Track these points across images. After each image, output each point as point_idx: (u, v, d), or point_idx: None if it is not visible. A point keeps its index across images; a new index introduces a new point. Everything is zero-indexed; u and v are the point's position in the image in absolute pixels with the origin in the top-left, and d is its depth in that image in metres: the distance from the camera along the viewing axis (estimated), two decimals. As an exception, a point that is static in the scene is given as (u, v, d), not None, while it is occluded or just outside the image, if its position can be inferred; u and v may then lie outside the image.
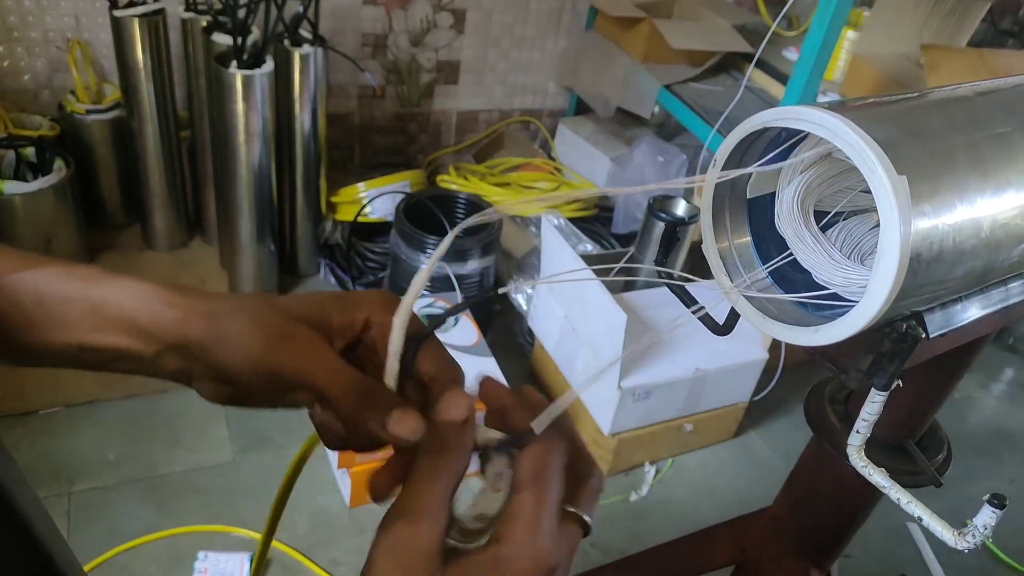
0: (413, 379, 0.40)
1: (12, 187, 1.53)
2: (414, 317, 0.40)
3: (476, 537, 0.37)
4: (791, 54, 1.99)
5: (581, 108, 2.37)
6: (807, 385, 0.75)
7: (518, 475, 0.37)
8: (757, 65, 1.84)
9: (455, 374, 0.40)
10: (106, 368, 0.40)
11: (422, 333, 0.40)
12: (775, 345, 1.62)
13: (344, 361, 0.38)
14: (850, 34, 1.90)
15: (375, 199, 1.89)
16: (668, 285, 0.59)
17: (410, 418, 0.37)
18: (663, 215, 1.66)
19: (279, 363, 0.37)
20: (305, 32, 1.67)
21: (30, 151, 1.61)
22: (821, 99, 1.70)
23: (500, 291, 0.43)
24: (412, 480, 0.35)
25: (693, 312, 0.54)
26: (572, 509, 0.37)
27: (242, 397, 0.40)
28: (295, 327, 0.38)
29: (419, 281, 0.38)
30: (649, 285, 1.77)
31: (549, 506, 0.36)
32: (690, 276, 0.47)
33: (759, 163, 0.48)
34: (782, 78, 1.85)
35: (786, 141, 0.46)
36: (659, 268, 0.49)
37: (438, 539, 0.34)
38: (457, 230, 0.39)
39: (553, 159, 2.29)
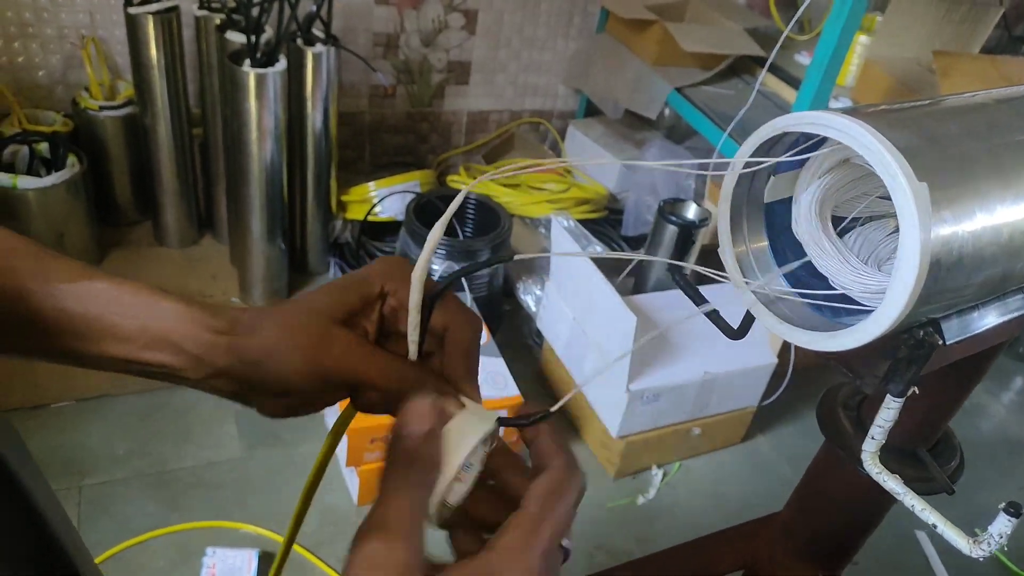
0: (431, 333, 0.42)
1: (26, 182, 1.54)
2: (427, 277, 0.41)
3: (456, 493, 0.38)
4: (803, 58, 1.99)
5: (591, 110, 2.37)
6: (816, 390, 0.75)
7: (533, 489, 0.37)
8: (769, 69, 1.84)
9: (468, 324, 0.42)
10: (152, 378, 0.41)
11: (436, 290, 0.41)
12: (784, 349, 1.61)
13: (382, 350, 0.41)
14: (863, 39, 1.90)
15: (385, 198, 1.90)
16: (680, 286, 0.59)
17: (451, 406, 0.39)
18: (673, 218, 1.66)
19: (325, 368, 0.39)
20: (318, 31, 1.67)
21: (44, 147, 1.62)
22: (833, 104, 1.70)
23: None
24: (381, 495, 0.35)
25: (705, 313, 0.54)
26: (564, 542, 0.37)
27: (300, 406, 0.42)
28: (331, 329, 0.40)
29: (434, 238, 0.39)
30: (659, 288, 1.77)
31: (555, 529, 0.36)
32: (709, 271, 0.47)
33: (776, 170, 0.48)
34: (794, 82, 1.84)
35: (804, 146, 0.46)
36: (677, 263, 0.49)
37: (416, 554, 0.33)
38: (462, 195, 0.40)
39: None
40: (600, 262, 1.54)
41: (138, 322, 0.39)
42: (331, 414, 1.56)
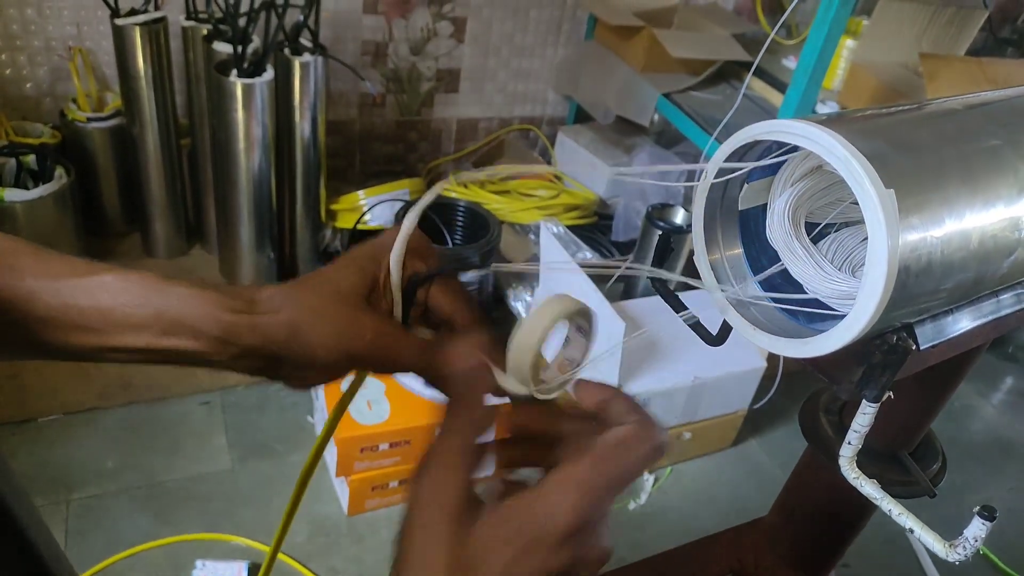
0: (436, 316, 0.45)
1: (13, 195, 1.54)
2: (434, 253, 0.44)
3: (558, 382, 0.44)
4: (790, 62, 2.00)
5: (580, 117, 2.38)
6: (806, 394, 0.75)
7: (605, 437, 0.38)
8: (756, 73, 1.85)
9: (469, 314, 0.45)
10: (174, 363, 0.41)
11: (437, 269, 0.43)
12: (774, 354, 1.61)
13: (409, 332, 0.43)
14: (849, 42, 1.91)
15: (375, 207, 1.90)
16: (659, 292, 0.59)
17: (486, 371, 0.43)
18: (661, 223, 1.67)
19: (355, 352, 0.41)
20: (305, 41, 1.68)
21: (31, 159, 1.62)
22: (820, 107, 1.70)
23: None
24: (435, 437, 0.38)
25: (684, 320, 0.54)
26: None
27: (322, 379, 0.43)
28: (359, 314, 0.41)
29: (409, 221, 0.42)
30: (648, 293, 1.77)
31: (614, 475, 0.36)
32: (688, 279, 0.47)
33: (750, 177, 0.48)
34: (781, 86, 1.85)
35: (779, 152, 0.46)
36: (655, 270, 0.49)
37: (459, 489, 0.35)
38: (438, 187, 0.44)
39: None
40: (589, 268, 1.55)
41: (151, 309, 0.39)
42: (320, 422, 1.55)
